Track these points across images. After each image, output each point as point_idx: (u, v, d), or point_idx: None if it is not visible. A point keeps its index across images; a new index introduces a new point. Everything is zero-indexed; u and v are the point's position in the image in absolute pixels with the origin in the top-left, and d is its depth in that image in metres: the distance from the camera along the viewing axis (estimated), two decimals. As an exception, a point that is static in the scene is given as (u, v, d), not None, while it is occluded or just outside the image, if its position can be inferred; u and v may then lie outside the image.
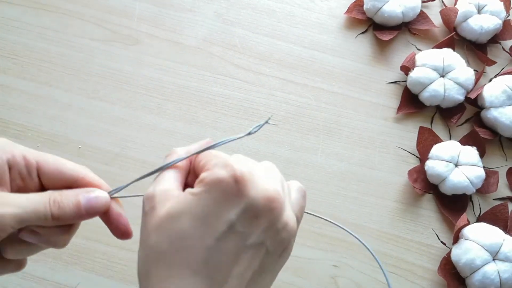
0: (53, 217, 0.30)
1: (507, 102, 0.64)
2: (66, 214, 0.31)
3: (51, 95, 0.64)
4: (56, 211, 0.30)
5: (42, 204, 0.30)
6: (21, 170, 0.31)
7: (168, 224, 0.28)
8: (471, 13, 0.69)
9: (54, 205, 0.30)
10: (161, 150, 0.62)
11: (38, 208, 0.30)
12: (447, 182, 0.60)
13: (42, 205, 0.30)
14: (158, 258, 0.28)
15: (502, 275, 0.54)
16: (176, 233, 0.28)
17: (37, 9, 0.69)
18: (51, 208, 0.30)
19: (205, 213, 0.28)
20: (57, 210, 0.30)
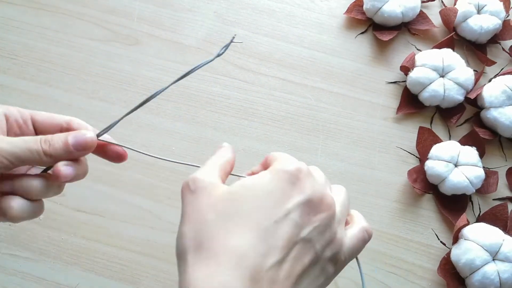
0: (45, 153, 0.33)
1: (507, 102, 0.64)
2: (56, 151, 0.34)
3: (51, 95, 0.64)
4: (47, 148, 0.34)
5: (34, 142, 0.33)
6: (17, 119, 0.35)
7: (226, 202, 0.30)
8: (471, 13, 0.69)
9: (45, 143, 0.34)
10: (161, 150, 0.62)
11: (30, 145, 0.33)
12: (447, 182, 0.60)
13: (34, 143, 0.33)
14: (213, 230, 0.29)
15: (501, 275, 0.54)
16: (234, 210, 0.30)
17: (37, 9, 0.69)
18: (42, 145, 0.33)
19: (269, 194, 0.30)
20: (48, 147, 0.34)
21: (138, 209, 0.59)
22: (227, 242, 0.28)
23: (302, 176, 0.31)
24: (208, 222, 0.29)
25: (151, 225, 0.58)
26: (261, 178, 0.31)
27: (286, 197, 0.30)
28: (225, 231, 0.29)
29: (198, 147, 0.62)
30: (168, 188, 0.60)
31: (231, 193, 0.30)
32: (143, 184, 0.60)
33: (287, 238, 0.29)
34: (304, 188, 0.31)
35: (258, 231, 0.29)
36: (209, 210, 0.30)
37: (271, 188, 0.30)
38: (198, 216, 0.30)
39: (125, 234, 0.57)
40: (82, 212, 0.58)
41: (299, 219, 0.30)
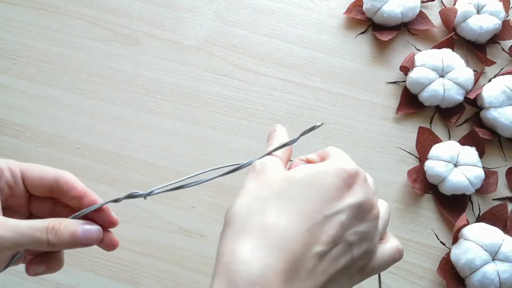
0: (49, 243, 0.32)
1: (507, 102, 0.64)
2: (61, 242, 0.33)
3: (51, 95, 0.64)
4: (53, 238, 0.32)
5: (40, 232, 0.32)
6: (8, 180, 0.34)
7: (284, 185, 0.31)
8: (471, 13, 0.69)
9: (51, 233, 0.32)
10: (161, 150, 0.62)
11: (35, 234, 0.32)
12: (447, 182, 0.60)
13: (40, 232, 0.32)
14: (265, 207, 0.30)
15: (501, 275, 0.54)
16: (290, 194, 0.30)
17: (37, 9, 0.69)
18: (48, 236, 0.32)
19: (326, 189, 0.30)
20: (54, 237, 0.32)
21: (138, 209, 0.59)
22: (276, 221, 0.29)
23: (359, 180, 0.32)
24: (263, 198, 0.30)
25: (151, 225, 0.58)
26: (321, 170, 0.31)
27: (340, 196, 0.30)
28: (276, 211, 0.29)
29: (198, 147, 0.62)
30: (168, 188, 0.60)
31: (290, 177, 0.31)
32: (143, 184, 0.60)
33: (332, 235, 0.29)
34: (359, 192, 0.31)
35: (307, 220, 0.29)
36: (266, 188, 0.31)
37: (329, 183, 0.31)
38: (254, 191, 0.31)
39: (125, 234, 0.57)
40: (82, 212, 0.58)
41: (347, 221, 0.30)
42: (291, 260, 0.28)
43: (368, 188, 0.32)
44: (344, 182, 0.31)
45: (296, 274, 0.28)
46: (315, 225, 0.29)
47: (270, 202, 0.30)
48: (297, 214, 0.29)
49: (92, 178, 0.60)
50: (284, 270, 0.27)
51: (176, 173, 0.61)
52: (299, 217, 0.29)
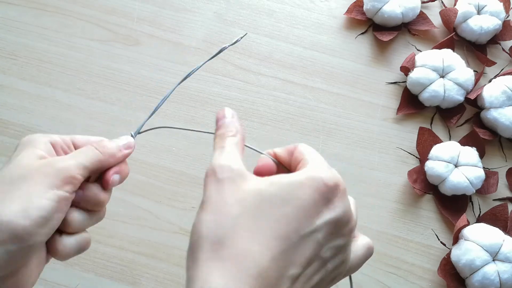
0: (104, 154, 0.35)
1: (507, 102, 0.64)
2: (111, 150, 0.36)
3: (51, 96, 0.64)
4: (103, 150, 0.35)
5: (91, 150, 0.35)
6: (62, 146, 0.36)
7: (255, 201, 0.28)
8: (471, 14, 0.69)
9: (100, 147, 0.36)
10: (160, 151, 0.62)
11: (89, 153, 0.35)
12: (447, 182, 0.60)
13: (91, 151, 0.35)
14: (236, 227, 0.28)
15: (502, 276, 0.54)
16: (262, 212, 0.28)
17: (37, 9, 0.69)
18: (99, 149, 0.35)
19: (302, 208, 0.28)
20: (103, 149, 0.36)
21: (138, 209, 0.59)
22: (249, 246, 0.27)
23: (338, 193, 0.30)
24: (233, 217, 0.28)
25: (151, 226, 0.58)
26: (297, 183, 0.29)
27: (317, 212, 0.29)
28: (249, 233, 0.27)
29: (198, 147, 0.62)
30: (168, 189, 0.60)
31: (261, 192, 0.29)
32: (143, 185, 0.60)
33: (308, 256, 0.28)
34: (337, 207, 0.29)
35: (282, 241, 0.27)
36: (235, 204, 0.28)
37: (306, 199, 0.28)
38: (222, 208, 0.28)
39: (125, 235, 0.57)
40: (82, 213, 0.58)
41: (323, 239, 0.29)
42: (265, 286, 0.27)
43: (346, 200, 0.30)
44: (322, 197, 0.29)
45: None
46: (290, 246, 0.28)
47: (241, 222, 0.28)
48: (271, 235, 0.27)
49: (92, 178, 0.60)
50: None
51: (176, 173, 0.61)
52: (273, 239, 0.27)
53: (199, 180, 0.61)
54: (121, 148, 0.37)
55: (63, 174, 0.32)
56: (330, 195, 0.29)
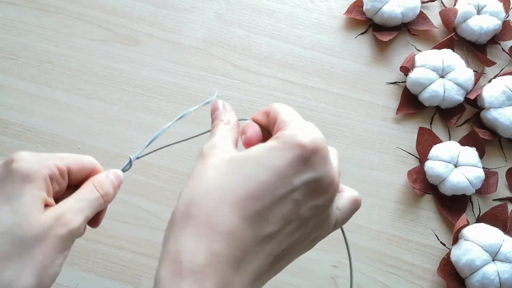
0: (103, 196, 0.35)
1: (507, 102, 0.64)
2: (109, 191, 0.36)
3: (51, 96, 0.64)
4: (102, 191, 0.35)
5: (93, 195, 0.35)
6: (58, 179, 0.35)
7: (228, 165, 0.29)
8: (471, 14, 0.69)
9: (99, 188, 0.35)
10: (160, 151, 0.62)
11: (90, 197, 0.35)
12: (447, 182, 0.60)
13: (93, 195, 0.35)
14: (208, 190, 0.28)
15: (501, 276, 0.54)
16: (234, 173, 0.28)
17: (37, 9, 0.69)
18: (99, 191, 0.35)
19: (276, 169, 0.28)
20: (102, 190, 0.35)
21: (138, 209, 0.59)
22: (220, 205, 0.27)
23: (318, 155, 0.29)
24: (207, 180, 0.28)
25: (151, 226, 0.58)
26: (271, 148, 0.29)
27: (294, 172, 0.28)
28: (220, 194, 0.28)
29: (198, 147, 0.62)
30: (168, 189, 0.60)
31: (235, 158, 0.29)
32: (142, 185, 0.60)
33: (285, 216, 0.28)
34: (316, 166, 0.28)
35: (256, 202, 0.27)
36: (211, 169, 0.29)
37: (281, 161, 0.28)
38: (200, 174, 0.29)
39: (125, 235, 0.57)
40: (82, 213, 0.58)
41: (302, 198, 0.28)
42: (238, 245, 0.27)
43: (327, 162, 0.29)
44: (298, 158, 0.28)
45: (244, 258, 0.27)
46: (264, 206, 0.27)
47: (213, 184, 0.28)
48: (243, 195, 0.27)
49: (92, 178, 0.60)
50: (231, 256, 0.26)
51: (176, 173, 0.61)
52: (245, 199, 0.27)
53: (199, 180, 0.61)
54: (115, 185, 0.37)
55: (76, 235, 0.33)
56: (308, 155, 0.28)
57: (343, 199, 0.33)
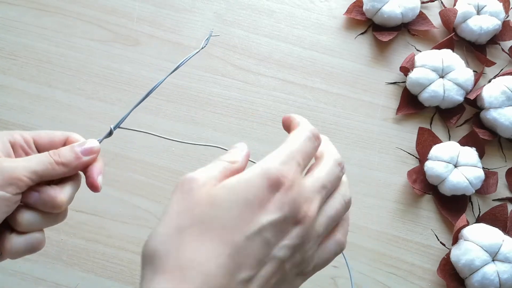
0: (57, 162, 0.35)
1: (506, 103, 0.64)
2: (67, 158, 0.35)
3: (51, 96, 0.64)
4: (58, 158, 0.35)
5: (44, 156, 0.35)
6: (22, 145, 0.37)
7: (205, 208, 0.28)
8: (471, 14, 0.69)
9: (54, 154, 0.35)
10: (160, 151, 0.62)
11: (42, 159, 0.35)
12: (447, 182, 0.60)
13: (45, 157, 0.35)
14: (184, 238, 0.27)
15: (501, 276, 0.54)
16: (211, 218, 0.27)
17: (37, 9, 0.69)
18: (52, 156, 0.35)
19: (245, 203, 0.27)
20: (59, 157, 0.35)
21: (138, 209, 0.59)
22: (195, 256, 0.26)
23: (286, 185, 0.28)
24: (183, 228, 0.27)
25: (150, 226, 0.58)
26: (243, 180, 0.28)
27: (261, 209, 0.27)
28: (196, 241, 0.27)
29: (197, 148, 0.62)
30: (168, 189, 0.60)
31: (211, 196, 0.28)
32: (142, 185, 0.60)
33: (257, 257, 0.27)
34: (283, 202, 0.27)
35: (228, 245, 0.26)
36: (186, 215, 0.28)
37: (250, 197, 0.27)
38: (175, 219, 0.28)
39: (125, 235, 0.57)
40: (82, 213, 0.58)
41: (272, 238, 0.27)
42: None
43: (298, 190, 0.28)
44: (266, 190, 0.27)
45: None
46: (236, 249, 0.26)
47: (191, 231, 0.27)
48: (218, 240, 0.26)
49: (92, 178, 0.60)
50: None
51: (176, 173, 0.61)
52: (220, 244, 0.26)
53: (198, 180, 0.60)
54: (79, 156, 0.36)
55: (7, 174, 0.33)
56: (276, 186, 0.27)
57: (328, 242, 0.32)
